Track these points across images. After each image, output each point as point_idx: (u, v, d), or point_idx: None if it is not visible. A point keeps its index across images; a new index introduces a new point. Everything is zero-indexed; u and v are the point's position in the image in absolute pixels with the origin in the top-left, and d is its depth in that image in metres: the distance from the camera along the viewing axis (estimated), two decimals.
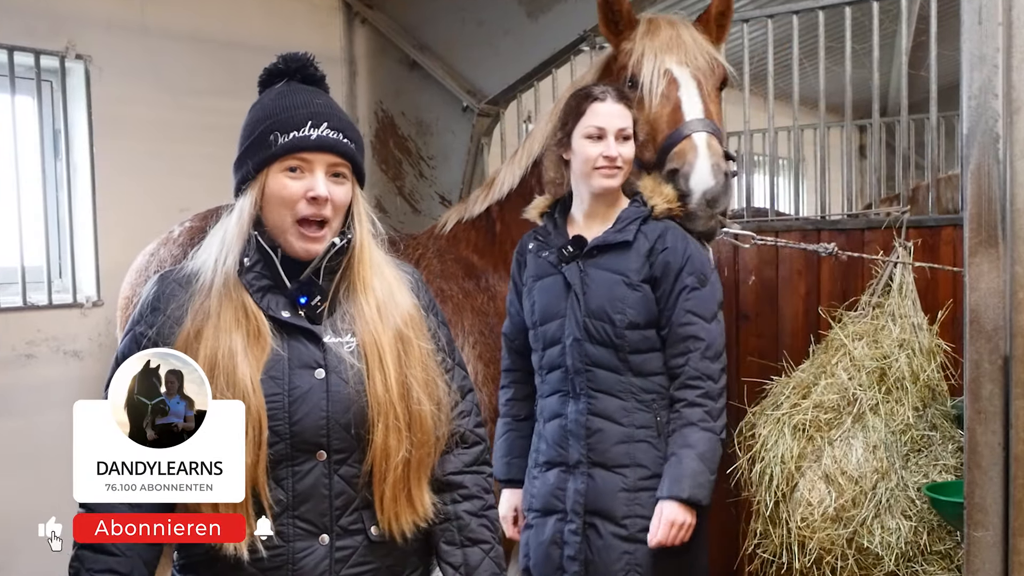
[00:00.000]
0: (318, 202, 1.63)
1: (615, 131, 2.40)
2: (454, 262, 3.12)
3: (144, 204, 3.62)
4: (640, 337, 2.38)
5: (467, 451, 1.80)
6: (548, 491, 2.44)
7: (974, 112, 1.94)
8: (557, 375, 2.47)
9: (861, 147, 8.03)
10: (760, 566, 2.76)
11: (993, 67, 1.91)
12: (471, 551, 1.74)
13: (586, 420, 2.39)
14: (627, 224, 2.43)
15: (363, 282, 1.70)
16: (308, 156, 1.64)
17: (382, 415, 1.63)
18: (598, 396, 2.40)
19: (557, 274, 2.47)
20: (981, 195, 1.94)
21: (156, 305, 1.67)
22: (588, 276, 2.42)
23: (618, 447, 2.37)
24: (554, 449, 2.45)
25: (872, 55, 3.30)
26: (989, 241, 1.93)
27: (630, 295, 2.38)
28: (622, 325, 2.37)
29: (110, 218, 3.55)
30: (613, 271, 2.40)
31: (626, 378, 2.39)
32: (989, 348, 1.93)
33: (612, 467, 2.37)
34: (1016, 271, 1.89)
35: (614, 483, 2.36)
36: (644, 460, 2.36)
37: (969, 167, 1.95)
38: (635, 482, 2.36)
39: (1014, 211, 1.90)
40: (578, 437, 2.40)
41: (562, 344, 2.44)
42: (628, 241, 2.40)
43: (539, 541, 2.45)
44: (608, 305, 2.38)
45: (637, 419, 2.38)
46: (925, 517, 2.58)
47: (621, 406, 2.39)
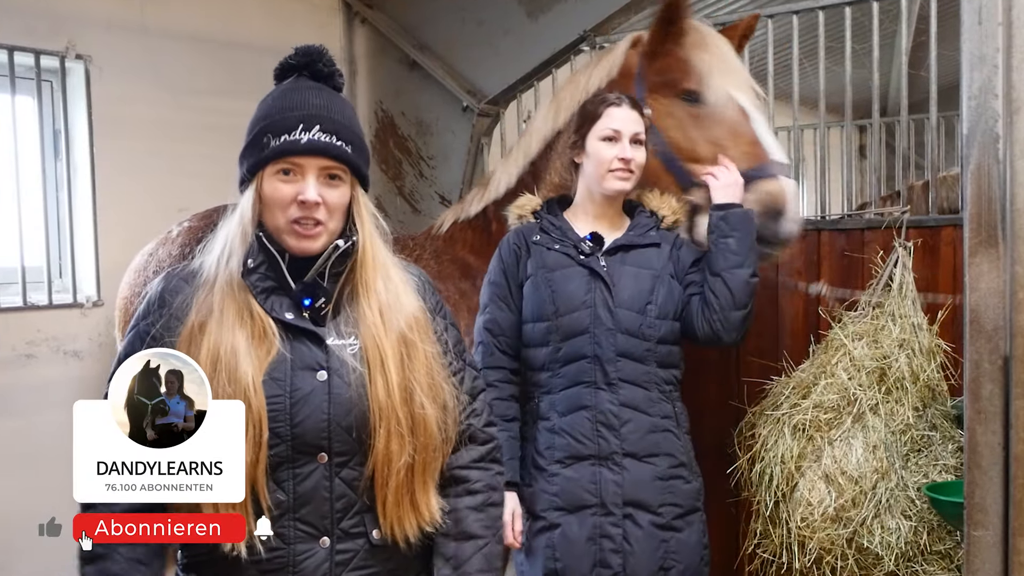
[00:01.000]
0: (307, 206, 1.62)
1: (630, 135, 2.45)
2: (451, 263, 3.10)
3: (144, 204, 3.63)
4: (668, 328, 2.45)
5: (476, 448, 1.79)
6: (575, 486, 2.40)
7: (974, 112, 1.94)
8: (577, 366, 2.43)
9: (861, 147, 8.02)
10: (760, 566, 2.76)
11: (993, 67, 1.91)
12: (464, 544, 1.73)
13: (618, 411, 2.40)
14: (647, 230, 2.52)
15: (366, 285, 1.69)
16: (298, 160, 1.63)
17: (384, 419, 1.62)
18: (626, 386, 2.42)
19: (576, 266, 2.47)
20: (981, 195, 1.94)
21: (162, 300, 1.67)
22: (615, 269, 2.46)
23: (648, 437, 2.41)
24: (582, 442, 2.41)
25: (872, 55, 3.29)
26: (989, 241, 1.93)
27: (660, 287, 2.45)
28: (653, 315, 2.42)
29: (110, 218, 3.56)
30: (642, 266, 2.47)
31: (651, 368, 2.43)
32: (989, 348, 1.93)
33: (643, 457, 2.40)
34: (1016, 271, 1.89)
35: (648, 473, 2.40)
36: (671, 449, 2.42)
37: (969, 167, 1.95)
38: (666, 470, 2.41)
39: (1014, 211, 1.90)
40: (611, 428, 2.40)
41: (589, 334, 2.42)
42: (657, 243, 2.50)
43: (570, 539, 2.39)
44: (639, 296, 2.43)
45: (660, 409, 2.43)
46: (925, 517, 2.58)
47: (647, 396, 2.42)
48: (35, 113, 3.49)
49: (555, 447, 2.43)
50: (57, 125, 3.53)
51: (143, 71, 3.68)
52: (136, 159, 3.63)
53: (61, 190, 3.51)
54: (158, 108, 3.72)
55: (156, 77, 3.72)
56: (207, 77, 3.87)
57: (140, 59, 3.68)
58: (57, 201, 3.51)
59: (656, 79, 2.68)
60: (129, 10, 3.66)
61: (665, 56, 2.68)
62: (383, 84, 4.56)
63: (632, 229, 2.52)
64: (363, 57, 4.58)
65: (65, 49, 3.45)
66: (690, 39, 2.65)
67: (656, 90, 2.67)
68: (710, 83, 2.60)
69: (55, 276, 3.50)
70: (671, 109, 2.65)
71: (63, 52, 3.44)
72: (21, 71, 3.36)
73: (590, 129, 2.48)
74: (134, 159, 3.63)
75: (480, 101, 4.18)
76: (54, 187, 3.51)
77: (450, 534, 1.73)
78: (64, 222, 3.50)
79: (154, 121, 3.70)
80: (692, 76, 2.61)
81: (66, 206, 3.50)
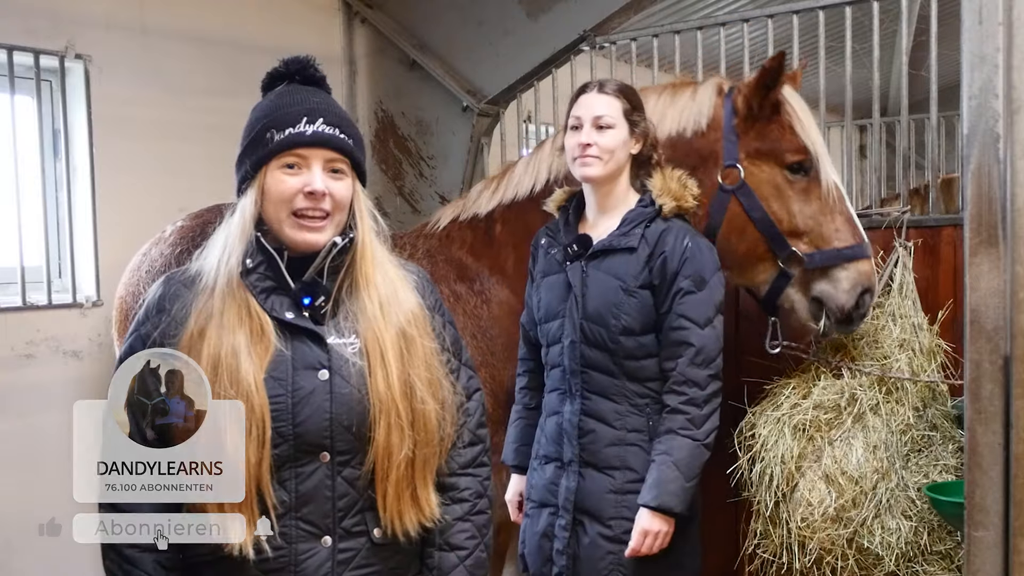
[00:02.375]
0: (315, 196, 1.64)
1: (591, 119, 2.42)
2: (445, 263, 3.05)
3: (144, 204, 3.62)
4: (635, 343, 2.39)
5: (464, 451, 1.80)
6: (544, 485, 2.51)
7: (974, 112, 1.93)
8: (557, 373, 2.51)
9: (861, 147, 8.02)
10: (760, 566, 2.76)
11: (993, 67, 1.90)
12: (446, 556, 1.75)
13: (579, 420, 2.42)
14: (632, 227, 2.43)
15: (366, 278, 1.70)
16: (304, 152, 1.65)
17: (384, 413, 1.63)
18: (592, 398, 2.42)
19: (561, 273, 2.49)
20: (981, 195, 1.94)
21: (161, 306, 1.67)
22: (589, 278, 2.43)
23: (610, 449, 2.40)
24: (552, 445, 2.50)
25: (872, 55, 3.29)
26: (989, 241, 1.93)
27: (626, 301, 2.38)
28: (616, 331, 2.38)
29: (110, 218, 3.55)
30: (613, 275, 2.41)
31: (620, 381, 2.40)
32: (989, 348, 1.93)
33: (603, 468, 2.40)
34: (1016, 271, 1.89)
35: (603, 484, 2.40)
36: (634, 463, 2.38)
37: (969, 167, 1.94)
38: (623, 484, 2.38)
39: (1014, 211, 1.89)
40: (572, 437, 2.43)
41: (561, 344, 2.47)
42: (632, 247, 2.40)
43: (533, 532, 2.53)
44: (604, 310, 2.39)
45: (630, 422, 2.40)
46: (925, 517, 2.58)
47: (614, 409, 2.41)
48: (35, 113, 3.49)
49: (540, 444, 2.56)
50: (57, 125, 3.53)
51: (143, 71, 3.68)
52: (136, 159, 3.63)
53: (61, 190, 3.51)
54: (158, 108, 3.72)
55: (156, 77, 3.72)
56: (207, 77, 3.87)
57: (140, 59, 3.67)
58: (57, 201, 3.51)
59: (758, 144, 2.64)
60: (129, 10, 3.66)
61: (766, 121, 2.65)
62: (383, 84, 4.55)
63: (620, 226, 2.45)
64: (363, 57, 4.58)
65: (65, 49, 3.44)
66: (788, 106, 2.65)
67: (757, 155, 2.64)
68: (815, 159, 2.62)
69: (55, 276, 3.50)
70: (774, 178, 2.63)
71: (63, 52, 3.44)
72: (21, 71, 3.35)
73: (567, 120, 2.49)
74: (134, 159, 3.62)
75: (480, 101, 4.18)
76: (54, 187, 3.51)
77: (433, 544, 1.75)
78: (64, 222, 3.50)
79: (154, 121, 3.70)
80: (798, 149, 2.62)
81: (66, 206, 3.49)
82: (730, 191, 2.61)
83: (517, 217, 2.93)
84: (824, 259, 2.59)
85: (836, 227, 2.60)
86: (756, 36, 4.01)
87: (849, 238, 2.60)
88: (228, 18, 3.99)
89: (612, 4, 3.83)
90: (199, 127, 3.77)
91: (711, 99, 2.71)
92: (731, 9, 6.13)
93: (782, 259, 2.61)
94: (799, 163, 2.62)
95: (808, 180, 2.63)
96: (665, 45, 3.85)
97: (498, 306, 2.96)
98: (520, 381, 2.71)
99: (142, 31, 3.70)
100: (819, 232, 2.60)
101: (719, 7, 6.23)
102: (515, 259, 2.93)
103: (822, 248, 2.60)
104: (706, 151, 2.67)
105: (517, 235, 2.92)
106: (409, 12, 4.39)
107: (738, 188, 2.60)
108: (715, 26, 3.69)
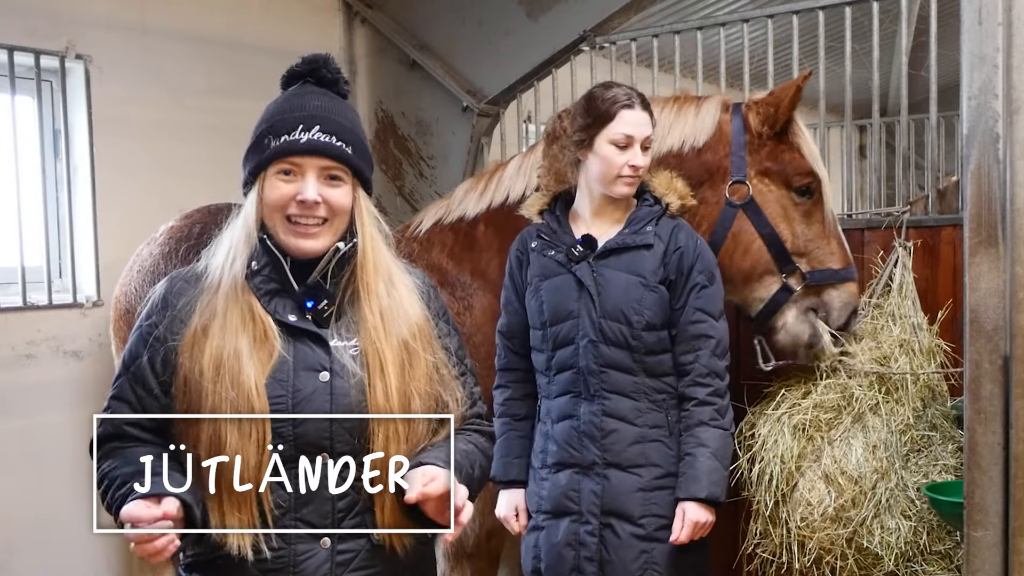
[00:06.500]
0: (306, 205, 1.63)
1: (642, 140, 2.41)
2: (426, 269, 2.97)
3: (144, 204, 3.62)
4: (656, 338, 2.40)
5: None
6: (560, 492, 2.44)
7: (974, 112, 1.94)
8: (568, 376, 2.45)
9: (861, 147, 8.02)
10: (760, 566, 2.76)
11: (993, 67, 1.91)
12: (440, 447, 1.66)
13: (600, 421, 2.40)
14: (643, 225, 2.44)
15: (367, 288, 1.69)
16: (298, 160, 1.64)
17: (382, 424, 1.63)
18: (611, 397, 2.40)
19: (566, 274, 2.45)
20: (981, 195, 1.94)
21: (165, 303, 1.68)
22: (602, 277, 2.41)
23: (633, 447, 2.39)
24: (565, 450, 2.44)
25: (872, 55, 3.30)
26: (989, 241, 1.93)
27: (648, 296, 2.39)
28: (639, 326, 2.38)
29: (110, 218, 3.55)
30: (630, 272, 2.41)
31: (639, 379, 2.40)
32: (989, 348, 1.94)
33: (627, 467, 2.39)
34: (1016, 271, 1.90)
35: (630, 483, 2.38)
36: (658, 459, 2.39)
37: (969, 167, 1.95)
38: (650, 481, 2.38)
39: (1014, 211, 1.90)
40: (592, 438, 2.40)
41: (575, 345, 2.42)
42: (649, 244, 2.42)
43: (552, 543, 2.44)
44: (625, 306, 2.38)
45: (650, 419, 2.40)
46: (925, 517, 2.58)
47: (634, 407, 2.40)
48: (35, 113, 3.49)
49: (547, 452, 2.48)
50: (57, 125, 3.53)
51: (143, 71, 3.68)
52: (136, 159, 3.63)
53: (61, 190, 3.51)
54: (158, 108, 3.72)
55: (156, 77, 3.72)
56: (207, 77, 3.87)
57: (140, 59, 3.67)
58: (57, 201, 3.51)
59: (769, 164, 2.68)
60: (129, 10, 3.66)
61: (776, 143, 2.69)
62: (383, 84, 4.56)
63: (629, 225, 2.45)
64: (363, 57, 4.58)
65: (65, 49, 3.44)
66: (796, 129, 2.72)
67: (767, 175, 2.68)
68: (820, 184, 2.70)
69: (55, 276, 3.50)
70: (781, 198, 2.68)
71: (63, 52, 3.43)
72: (21, 71, 3.35)
73: (600, 130, 2.41)
74: (134, 159, 3.62)
75: (480, 101, 4.18)
76: (54, 187, 3.51)
77: None
78: (64, 222, 3.50)
79: (154, 121, 3.70)
80: (806, 173, 2.68)
81: (66, 206, 3.49)
82: (738, 206, 2.64)
83: (506, 221, 2.85)
84: (821, 278, 2.67)
85: (831, 249, 2.70)
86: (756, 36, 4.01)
87: (842, 260, 2.70)
88: (228, 18, 3.99)
89: (612, 4, 3.83)
90: (199, 127, 3.77)
91: (717, 114, 2.74)
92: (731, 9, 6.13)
93: (785, 274, 2.66)
94: (806, 186, 2.68)
95: (811, 203, 2.69)
96: (665, 45, 3.85)
97: (481, 313, 2.89)
98: (504, 393, 2.60)
99: (142, 31, 3.70)
100: (817, 253, 2.68)
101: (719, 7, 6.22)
102: (498, 264, 2.84)
103: (818, 268, 2.68)
104: (714, 165, 2.68)
105: (503, 240, 2.83)
106: (409, 12, 4.39)
107: (746, 204, 2.64)
108: (715, 26, 3.69)
